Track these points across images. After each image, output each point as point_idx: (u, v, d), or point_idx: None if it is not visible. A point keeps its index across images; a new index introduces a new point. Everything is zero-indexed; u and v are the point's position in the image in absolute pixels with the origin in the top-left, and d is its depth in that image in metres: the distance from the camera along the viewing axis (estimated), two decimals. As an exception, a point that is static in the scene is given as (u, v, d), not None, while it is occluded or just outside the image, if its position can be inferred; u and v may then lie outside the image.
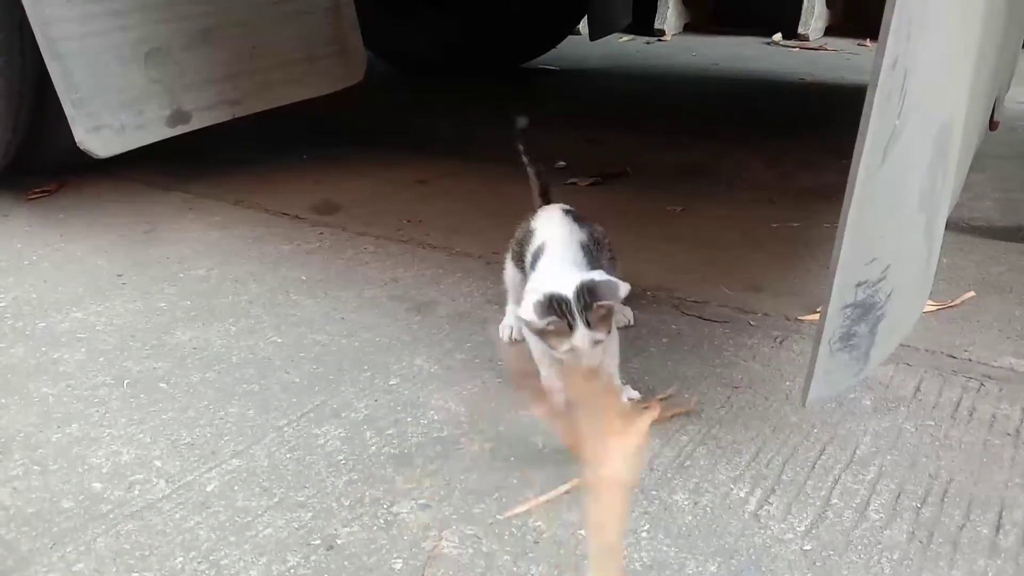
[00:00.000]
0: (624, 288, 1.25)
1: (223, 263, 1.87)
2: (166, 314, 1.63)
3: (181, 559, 1.01)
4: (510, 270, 1.60)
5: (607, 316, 1.28)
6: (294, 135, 2.92)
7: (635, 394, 1.35)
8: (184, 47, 2.16)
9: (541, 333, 1.25)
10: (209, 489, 1.14)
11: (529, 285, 1.32)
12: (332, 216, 2.17)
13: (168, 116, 2.15)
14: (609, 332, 1.29)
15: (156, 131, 2.14)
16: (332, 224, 2.11)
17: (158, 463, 1.19)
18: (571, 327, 1.23)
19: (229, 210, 2.21)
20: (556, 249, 1.42)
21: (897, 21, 0.82)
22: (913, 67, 0.85)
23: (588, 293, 1.25)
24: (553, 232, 1.44)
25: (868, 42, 4.93)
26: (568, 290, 1.24)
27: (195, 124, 2.20)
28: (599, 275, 1.27)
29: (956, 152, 1.12)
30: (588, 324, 1.24)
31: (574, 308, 1.24)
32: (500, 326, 1.55)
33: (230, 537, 1.05)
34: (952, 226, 1.39)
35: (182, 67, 2.15)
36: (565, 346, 1.25)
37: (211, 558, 1.02)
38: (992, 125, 2.26)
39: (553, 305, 1.24)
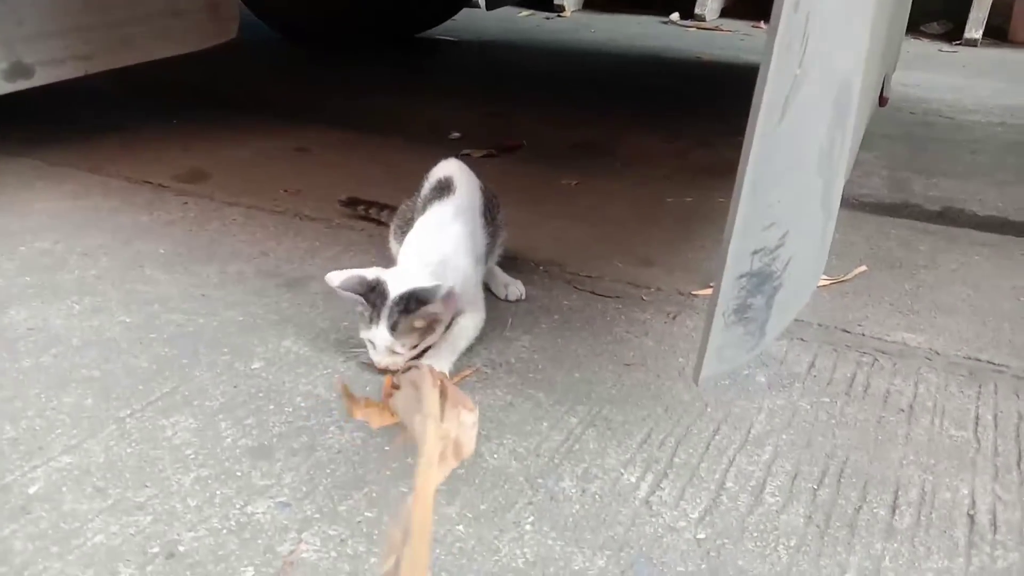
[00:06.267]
0: (442, 292, 1.19)
1: (71, 236, 1.67)
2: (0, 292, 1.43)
3: (-14, 576, 0.86)
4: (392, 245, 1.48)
5: (425, 331, 1.22)
6: (164, 99, 2.70)
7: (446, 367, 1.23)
8: None
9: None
10: (31, 491, 0.98)
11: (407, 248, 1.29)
12: (199, 185, 1.99)
13: (5, 70, 1.91)
14: (417, 347, 1.23)
15: None
16: (198, 193, 1.93)
17: (-29, 463, 1.02)
18: (372, 320, 1.20)
19: (84, 178, 1.99)
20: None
21: None
22: (815, 12, 0.78)
23: (414, 300, 1.19)
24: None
25: (762, 24, 4.99)
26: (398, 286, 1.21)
27: (39, 80, 1.97)
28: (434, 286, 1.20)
29: (854, 115, 1.07)
30: (393, 328, 1.19)
31: (388, 305, 1.19)
32: None
33: (51, 547, 0.90)
34: (842, 202, 1.35)
35: (21, 15, 1.91)
36: (364, 334, 1.22)
37: (25, 573, 0.87)
38: (882, 101, 2.28)
39: (370, 286, 1.21)
